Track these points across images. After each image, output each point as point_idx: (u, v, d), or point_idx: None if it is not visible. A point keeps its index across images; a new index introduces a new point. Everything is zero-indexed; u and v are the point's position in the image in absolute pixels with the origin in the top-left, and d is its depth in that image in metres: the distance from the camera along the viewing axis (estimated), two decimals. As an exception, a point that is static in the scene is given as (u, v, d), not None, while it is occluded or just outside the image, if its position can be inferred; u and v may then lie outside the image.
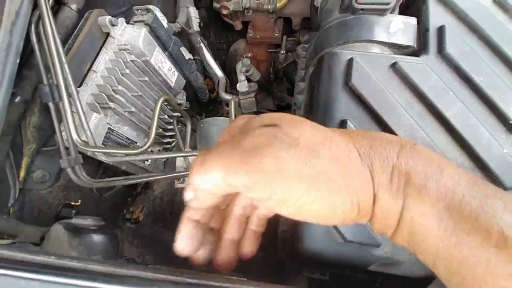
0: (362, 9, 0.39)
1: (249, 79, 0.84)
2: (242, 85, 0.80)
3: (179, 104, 0.76)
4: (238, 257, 0.26)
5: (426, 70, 0.36)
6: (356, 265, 0.35)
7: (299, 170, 0.18)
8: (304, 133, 0.20)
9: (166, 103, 0.59)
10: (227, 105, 0.90)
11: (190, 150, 0.61)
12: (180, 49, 0.71)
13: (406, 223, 0.20)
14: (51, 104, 0.39)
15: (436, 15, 0.39)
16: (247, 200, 0.25)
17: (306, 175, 0.18)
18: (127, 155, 0.41)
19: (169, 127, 0.70)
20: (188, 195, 0.22)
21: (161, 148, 0.74)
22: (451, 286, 0.19)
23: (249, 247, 0.26)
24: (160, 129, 0.69)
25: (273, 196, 0.19)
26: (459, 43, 0.37)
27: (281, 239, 0.44)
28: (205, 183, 0.20)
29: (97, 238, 0.34)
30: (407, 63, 0.37)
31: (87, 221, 0.38)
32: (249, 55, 1.00)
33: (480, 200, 0.18)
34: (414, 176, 0.19)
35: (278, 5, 0.83)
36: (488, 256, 0.17)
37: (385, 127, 0.35)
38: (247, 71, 0.81)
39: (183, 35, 0.81)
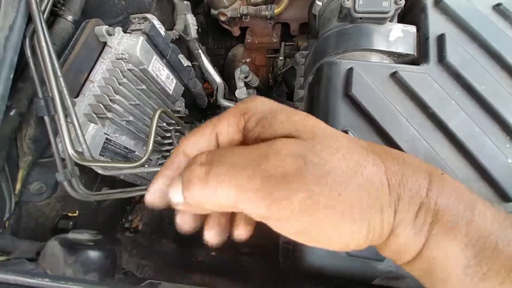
0: (360, 18, 0.38)
1: (248, 85, 0.83)
2: (241, 92, 0.79)
3: (178, 111, 0.76)
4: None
5: (427, 79, 0.36)
6: (359, 279, 0.34)
7: (331, 205, 0.16)
8: (336, 156, 0.17)
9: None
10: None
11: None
12: (178, 56, 0.71)
13: (425, 262, 0.18)
14: (46, 117, 0.39)
15: (436, 24, 0.38)
16: None
17: (337, 209, 0.16)
18: (124, 169, 0.40)
19: (168, 134, 0.70)
20: (176, 198, 0.18)
21: (160, 156, 0.73)
22: None
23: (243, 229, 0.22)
24: (159, 137, 0.68)
25: (296, 230, 0.17)
26: (459, 51, 0.37)
27: (283, 251, 0.43)
28: (207, 201, 0.17)
29: (93, 255, 0.33)
30: (407, 72, 0.36)
31: (83, 236, 0.37)
32: (248, 60, 1.00)
33: None
34: (443, 214, 0.17)
35: (276, 11, 0.82)
36: None
37: (386, 138, 0.34)
38: (245, 77, 0.80)
39: (181, 42, 0.80)
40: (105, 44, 0.54)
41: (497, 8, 0.40)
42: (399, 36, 0.39)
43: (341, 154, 0.17)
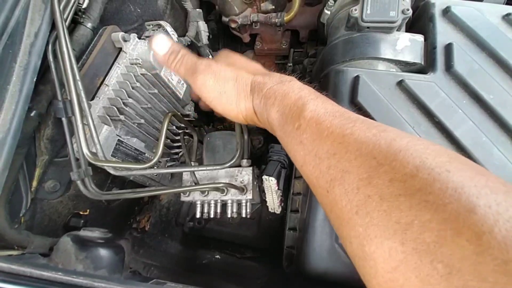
0: (368, 27, 0.39)
1: (256, 91, 0.84)
2: (249, 97, 0.80)
3: (187, 115, 0.77)
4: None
5: (434, 88, 0.36)
6: (362, 285, 0.34)
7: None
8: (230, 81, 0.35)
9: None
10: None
11: (197, 164, 0.61)
12: (189, 62, 0.72)
13: (269, 123, 0.32)
14: (64, 119, 0.41)
15: (444, 33, 0.39)
16: None
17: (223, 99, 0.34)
18: (135, 170, 0.42)
19: (177, 137, 0.71)
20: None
21: (169, 158, 0.75)
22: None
23: None
24: (168, 139, 0.70)
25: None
26: (467, 60, 0.37)
27: (287, 255, 0.43)
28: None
29: (103, 252, 0.34)
30: (414, 80, 0.36)
31: (94, 234, 0.39)
32: (257, 67, 1.01)
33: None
34: (269, 98, 0.31)
35: (286, 18, 0.84)
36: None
37: (392, 145, 0.35)
38: (254, 83, 0.81)
39: (192, 47, 0.83)
40: (120, 49, 0.56)
41: (507, 18, 0.40)
42: (406, 45, 0.39)
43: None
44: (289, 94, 0.29)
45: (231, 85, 0.33)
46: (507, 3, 0.47)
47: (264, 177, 0.49)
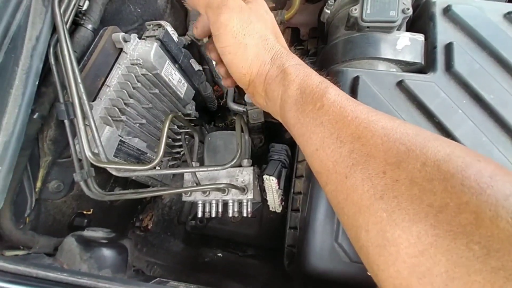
0: (368, 27, 0.39)
1: (257, 89, 0.84)
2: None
3: (188, 114, 0.78)
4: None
5: (434, 88, 0.36)
6: (362, 285, 0.35)
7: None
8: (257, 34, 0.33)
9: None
10: (235, 114, 0.91)
11: (198, 164, 0.62)
12: (190, 61, 0.73)
13: (283, 99, 0.30)
14: (66, 121, 0.41)
15: (444, 32, 0.39)
16: None
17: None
18: (137, 171, 0.42)
19: (179, 137, 0.72)
20: None
21: (171, 157, 0.75)
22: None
23: None
24: (170, 139, 0.70)
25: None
26: (468, 60, 0.37)
27: (288, 254, 0.44)
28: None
29: (106, 252, 0.35)
30: (414, 80, 0.36)
31: (98, 234, 0.39)
32: (258, 65, 1.00)
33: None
34: (289, 75, 0.30)
35: (286, 16, 0.83)
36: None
37: (391, 146, 0.35)
38: (255, 81, 0.81)
39: (193, 46, 0.82)
40: (121, 50, 0.57)
41: (509, 16, 0.40)
42: (406, 45, 0.39)
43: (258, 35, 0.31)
44: (312, 76, 0.28)
45: (255, 42, 0.30)
46: (508, 1, 0.46)
47: (265, 176, 0.49)
